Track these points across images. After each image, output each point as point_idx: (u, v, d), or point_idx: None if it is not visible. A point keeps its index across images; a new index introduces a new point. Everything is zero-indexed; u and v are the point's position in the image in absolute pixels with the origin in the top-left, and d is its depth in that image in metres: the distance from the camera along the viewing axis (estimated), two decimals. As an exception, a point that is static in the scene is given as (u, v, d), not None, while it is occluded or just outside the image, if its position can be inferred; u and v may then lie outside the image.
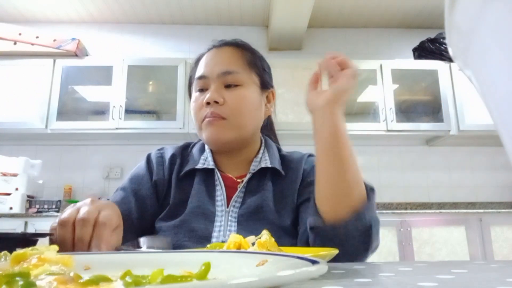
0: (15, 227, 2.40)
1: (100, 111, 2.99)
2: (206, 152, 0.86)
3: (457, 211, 2.63)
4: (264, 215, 0.77)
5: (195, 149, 0.88)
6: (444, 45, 3.13)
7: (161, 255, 0.37)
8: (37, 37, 2.97)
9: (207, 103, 0.78)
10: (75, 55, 3.02)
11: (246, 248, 0.47)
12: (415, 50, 3.29)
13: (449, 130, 2.97)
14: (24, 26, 3.16)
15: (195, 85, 0.83)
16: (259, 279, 0.17)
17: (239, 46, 0.86)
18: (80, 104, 3.12)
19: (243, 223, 0.76)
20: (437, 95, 3.06)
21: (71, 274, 0.25)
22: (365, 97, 3.15)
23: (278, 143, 0.97)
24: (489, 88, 0.19)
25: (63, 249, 0.54)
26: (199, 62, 0.85)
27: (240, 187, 0.80)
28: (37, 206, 2.72)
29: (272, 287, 0.18)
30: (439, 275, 0.38)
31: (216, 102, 0.77)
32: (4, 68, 2.96)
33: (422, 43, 3.24)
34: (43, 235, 0.55)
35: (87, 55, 3.12)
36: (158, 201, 0.82)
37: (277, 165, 0.83)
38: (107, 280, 0.25)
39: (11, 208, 2.55)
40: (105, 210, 0.56)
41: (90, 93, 3.20)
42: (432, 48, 3.15)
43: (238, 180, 0.82)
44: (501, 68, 0.17)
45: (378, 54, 3.46)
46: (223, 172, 0.84)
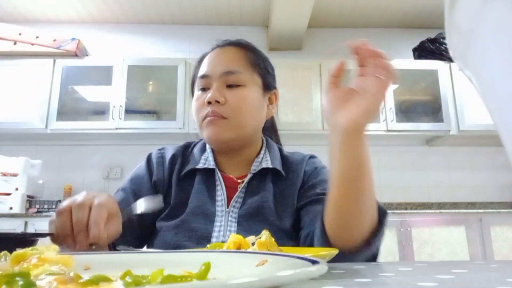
0: (15, 227, 2.40)
1: (100, 111, 2.99)
2: (207, 151, 0.86)
3: (457, 211, 2.63)
4: (264, 216, 0.76)
5: (196, 149, 0.88)
6: (444, 45, 3.13)
7: (161, 255, 0.37)
8: (37, 37, 2.97)
9: (209, 102, 0.78)
10: (75, 55, 3.02)
11: (246, 248, 0.47)
12: (415, 50, 3.29)
13: (449, 130, 2.97)
14: (24, 26, 3.16)
15: (197, 84, 0.83)
16: (259, 279, 0.17)
17: (243, 46, 0.86)
18: (80, 104, 3.12)
19: (243, 224, 0.76)
20: (437, 95, 3.06)
21: (71, 274, 0.25)
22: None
23: (280, 144, 0.96)
24: (489, 88, 0.19)
25: (63, 238, 0.54)
26: (203, 61, 0.85)
27: (241, 188, 0.80)
28: (37, 206, 2.72)
29: (272, 287, 0.18)
30: (439, 275, 0.38)
31: (217, 102, 0.77)
32: (4, 68, 2.96)
33: (422, 43, 3.24)
34: (43, 235, 0.55)
35: (87, 55, 3.12)
36: None
37: (278, 166, 0.82)
38: (107, 280, 0.25)
39: (11, 208, 2.55)
40: (101, 196, 0.57)
41: (90, 93, 3.20)
42: (432, 48, 3.15)
43: (239, 181, 0.82)
44: (501, 68, 0.17)
45: (378, 54, 3.46)
46: (224, 172, 0.84)
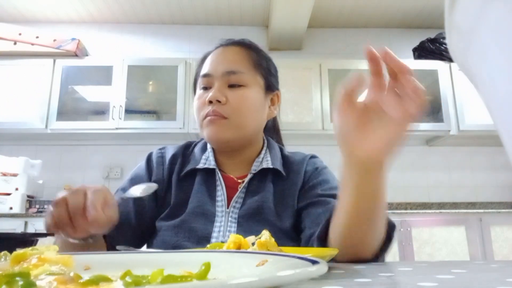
0: (15, 227, 2.40)
1: (100, 111, 2.99)
2: (208, 151, 0.85)
3: (457, 211, 2.63)
4: (264, 216, 0.76)
5: (197, 149, 0.88)
6: (444, 45, 3.13)
7: (161, 255, 0.37)
8: (37, 37, 2.97)
9: (210, 102, 0.77)
10: (75, 55, 3.01)
11: (246, 248, 0.47)
12: (415, 50, 3.28)
13: (449, 130, 2.96)
14: (24, 26, 3.16)
15: (199, 83, 0.83)
16: (259, 279, 0.17)
17: (246, 46, 0.86)
18: (80, 104, 3.12)
19: (243, 224, 0.75)
20: (437, 95, 3.06)
21: (71, 274, 0.25)
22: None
23: (282, 144, 0.96)
24: (489, 88, 0.19)
25: (61, 226, 0.54)
26: (205, 60, 0.85)
27: (241, 188, 0.80)
28: (37, 206, 2.72)
29: (272, 287, 0.18)
30: (439, 275, 0.38)
31: (218, 101, 0.77)
32: (4, 68, 2.96)
33: (422, 43, 3.23)
34: (43, 235, 0.55)
35: (87, 55, 3.12)
36: (157, 202, 0.82)
37: (279, 166, 0.82)
38: (107, 280, 0.25)
39: (11, 208, 2.55)
40: (95, 186, 0.57)
41: (90, 93, 3.20)
42: (432, 48, 3.15)
43: (239, 181, 0.82)
44: (501, 68, 0.17)
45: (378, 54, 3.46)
46: (224, 172, 0.84)
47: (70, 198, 0.54)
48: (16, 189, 2.61)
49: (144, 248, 0.82)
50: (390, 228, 0.61)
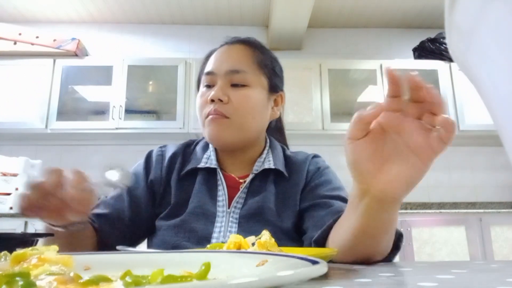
0: (15, 227, 2.40)
1: (100, 111, 2.99)
2: (210, 150, 0.85)
3: (457, 211, 2.63)
4: (265, 216, 0.76)
5: (198, 147, 0.87)
6: (444, 45, 3.13)
7: (161, 255, 0.37)
8: (37, 37, 2.97)
9: (212, 100, 0.77)
10: (75, 55, 3.01)
11: (246, 248, 0.47)
12: (415, 50, 3.28)
13: (449, 130, 2.96)
14: (24, 26, 3.16)
15: (202, 80, 0.82)
16: (259, 279, 0.17)
17: (252, 45, 0.85)
18: (80, 104, 3.12)
19: (244, 225, 0.75)
20: (437, 95, 3.05)
21: (71, 274, 0.25)
22: (365, 97, 3.15)
23: (286, 145, 0.95)
24: (489, 88, 0.19)
25: (34, 209, 0.53)
26: (210, 57, 0.84)
27: (242, 188, 0.79)
28: (37, 206, 2.71)
29: (272, 287, 0.18)
30: (439, 275, 0.38)
31: (220, 101, 0.76)
32: (4, 68, 2.96)
33: (422, 43, 3.23)
34: (43, 235, 0.55)
35: (87, 55, 3.12)
36: (155, 201, 0.81)
37: (281, 167, 0.81)
38: (107, 280, 0.25)
39: (11, 208, 2.55)
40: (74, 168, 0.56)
41: (90, 93, 3.19)
42: (432, 48, 3.15)
43: (241, 180, 0.81)
44: (501, 68, 0.17)
45: (378, 54, 3.46)
46: (226, 171, 0.83)
47: (45, 177, 0.53)
48: (16, 189, 2.61)
49: (144, 248, 0.82)
50: (398, 238, 0.60)
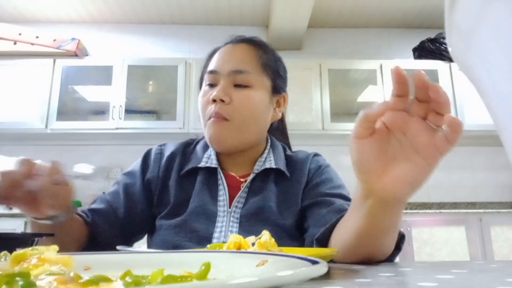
0: (15, 227, 2.40)
1: (100, 111, 2.99)
2: (210, 149, 0.84)
3: (457, 211, 2.63)
4: (266, 216, 0.76)
5: (199, 146, 0.87)
6: (444, 45, 3.13)
7: (161, 255, 0.37)
8: (37, 37, 2.97)
9: (213, 100, 0.76)
10: (75, 55, 3.01)
11: (246, 248, 0.47)
12: (415, 50, 3.28)
13: (449, 130, 2.96)
14: (24, 26, 3.16)
15: (205, 78, 0.82)
16: (259, 279, 0.17)
17: (256, 45, 0.84)
18: (80, 104, 3.12)
19: (244, 224, 0.75)
20: (437, 95, 3.05)
21: (71, 274, 0.25)
22: (365, 97, 3.15)
23: (289, 145, 0.94)
24: (489, 88, 0.19)
25: (4, 199, 0.53)
26: (214, 56, 0.83)
27: (243, 187, 0.79)
28: (37, 206, 2.71)
29: (272, 287, 0.18)
30: (439, 275, 0.38)
31: (222, 101, 0.76)
32: (4, 68, 2.96)
33: (422, 43, 3.23)
34: (43, 235, 0.55)
35: (87, 55, 3.12)
36: (151, 199, 0.81)
37: (282, 166, 0.81)
38: (107, 280, 0.25)
39: (11, 208, 2.55)
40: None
41: (90, 93, 3.19)
42: (432, 48, 3.15)
43: (242, 180, 0.81)
44: (501, 68, 0.17)
45: (378, 54, 3.46)
46: (226, 170, 0.83)
47: (15, 167, 0.53)
48: (16, 189, 2.61)
49: (144, 248, 0.82)
50: (400, 239, 0.60)
